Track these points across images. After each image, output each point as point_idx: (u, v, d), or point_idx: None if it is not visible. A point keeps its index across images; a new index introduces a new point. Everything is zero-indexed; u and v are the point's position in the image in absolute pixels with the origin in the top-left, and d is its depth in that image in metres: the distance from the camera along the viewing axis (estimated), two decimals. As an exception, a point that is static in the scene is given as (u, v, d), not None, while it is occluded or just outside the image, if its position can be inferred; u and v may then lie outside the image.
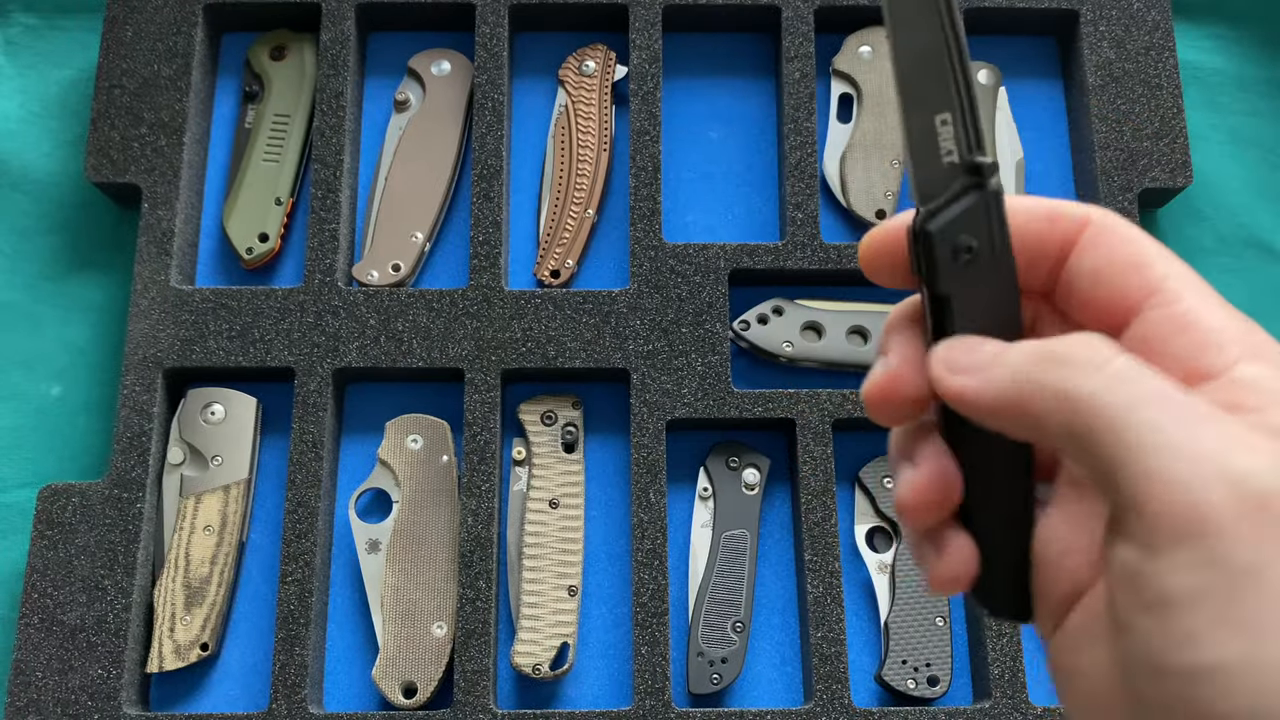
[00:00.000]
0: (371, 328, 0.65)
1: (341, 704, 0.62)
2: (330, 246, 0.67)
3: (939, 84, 0.27)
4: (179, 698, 0.62)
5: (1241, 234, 0.73)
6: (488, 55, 0.70)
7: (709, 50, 0.75)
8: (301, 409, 0.64)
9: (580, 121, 0.71)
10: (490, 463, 0.63)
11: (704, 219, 0.71)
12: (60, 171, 0.72)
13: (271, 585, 0.64)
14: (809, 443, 0.64)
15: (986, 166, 0.27)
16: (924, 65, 0.27)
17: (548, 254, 0.69)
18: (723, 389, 0.65)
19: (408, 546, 0.63)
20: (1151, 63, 0.71)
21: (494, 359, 0.65)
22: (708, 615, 0.62)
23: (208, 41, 0.72)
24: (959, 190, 0.27)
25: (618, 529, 0.65)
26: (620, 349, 0.65)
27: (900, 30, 0.28)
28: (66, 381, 0.68)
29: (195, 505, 0.63)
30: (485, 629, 0.61)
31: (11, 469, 0.66)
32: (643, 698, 0.60)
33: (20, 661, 0.60)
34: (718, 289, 0.66)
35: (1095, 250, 0.27)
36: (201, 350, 0.65)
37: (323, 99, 0.69)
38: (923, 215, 0.27)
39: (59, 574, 0.61)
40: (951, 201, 0.27)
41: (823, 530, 0.62)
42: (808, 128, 0.69)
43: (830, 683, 0.60)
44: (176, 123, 0.69)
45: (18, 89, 0.74)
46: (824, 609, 0.61)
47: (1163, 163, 0.69)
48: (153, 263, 0.66)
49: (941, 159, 0.27)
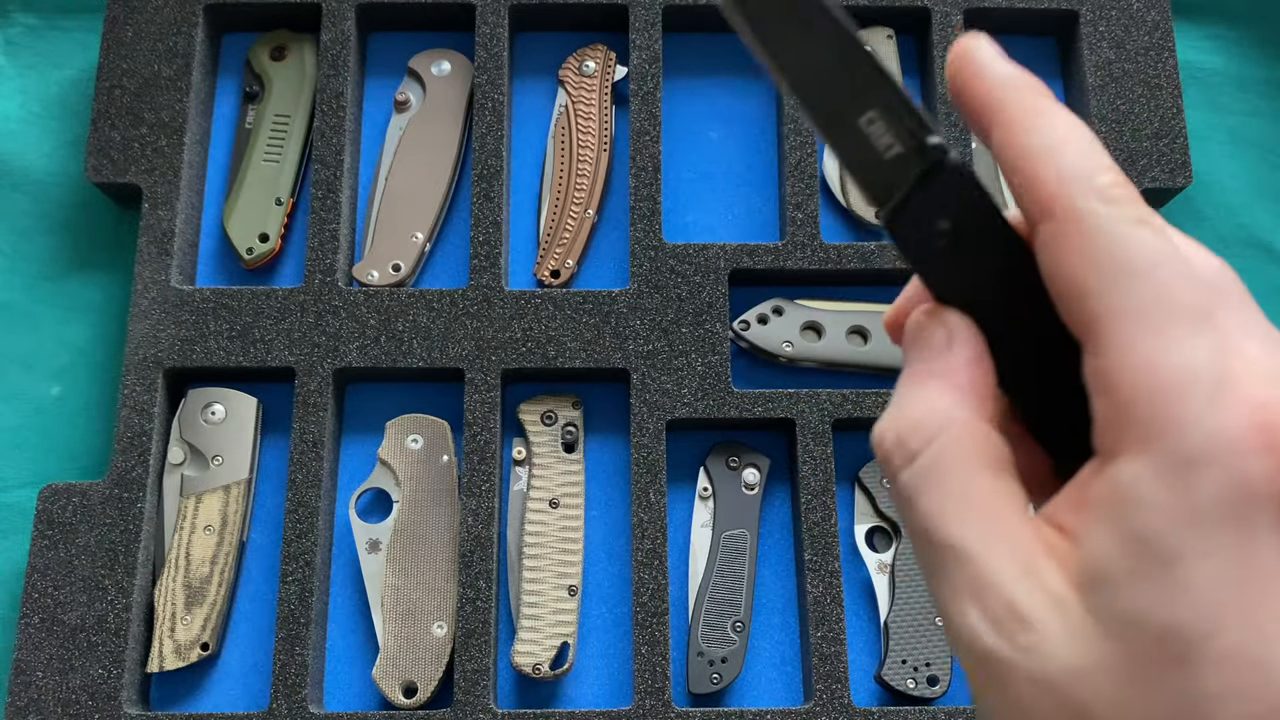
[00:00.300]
0: (372, 328, 0.65)
1: (342, 704, 0.62)
2: (330, 246, 0.67)
3: (848, 87, 0.26)
4: (179, 697, 0.62)
5: (1241, 234, 0.73)
6: (488, 55, 0.70)
7: (709, 50, 0.75)
8: (302, 409, 0.64)
9: (580, 121, 0.71)
10: (490, 463, 0.63)
11: (704, 219, 0.71)
12: (60, 171, 0.72)
13: (272, 585, 0.64)
14: (809, 443, 0.64)
15: (935, 146, 0.25)
16: (823, 76, 0.26)
17: (548, 254, 0.69)
18: (723, 389, 0.65)
19: (408, 546, 0.63)
20: (1151, 63, 0.71)
21: (494, 359, 0.65)
22: (708, 615, 0.62)
23: (208, 41, 0.72)
24: (918, 177, 0.25)
25: (618, 529, 0.65)
26: (620, 349, 0.65)
27: (782, 53, 0.26)
28: (66, 381, 0.68)
29: (196, 505, 0.63)
30: (485, 629, 0.61)
31: (11, 469, 0.66)
32: (643, 697, 0.60)
33: (20, 661, 0.60)
34: (718, 289, 0.66)
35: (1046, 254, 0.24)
36: (202, 350, 0.65)
37: (323, 99, 0.69)
38: (886, 213, 0.26)
39: (59, 574, 0.61)
40: (914, 191, 0.25)
41: (823, 530, 0.62)
42: (808, 128, 0.69)
43: (830, 682, 0.60)
44: (177, 123, 0.69)
45: (18, 89, 0.74)
46: (824, 609, 0.61)
47: (1162, 163, 0.69)
48: (153, 263, 0.66)
49: (884, 157, 0.26)
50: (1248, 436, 0.21)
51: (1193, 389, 0.21)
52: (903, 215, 0.26)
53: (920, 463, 0.24)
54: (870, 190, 0.26)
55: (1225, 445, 0.21)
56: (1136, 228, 0.23)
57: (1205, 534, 0.21)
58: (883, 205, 0.26)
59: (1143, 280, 0.23)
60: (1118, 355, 0.22)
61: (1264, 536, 0.21)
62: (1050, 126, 0.25)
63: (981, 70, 0.26)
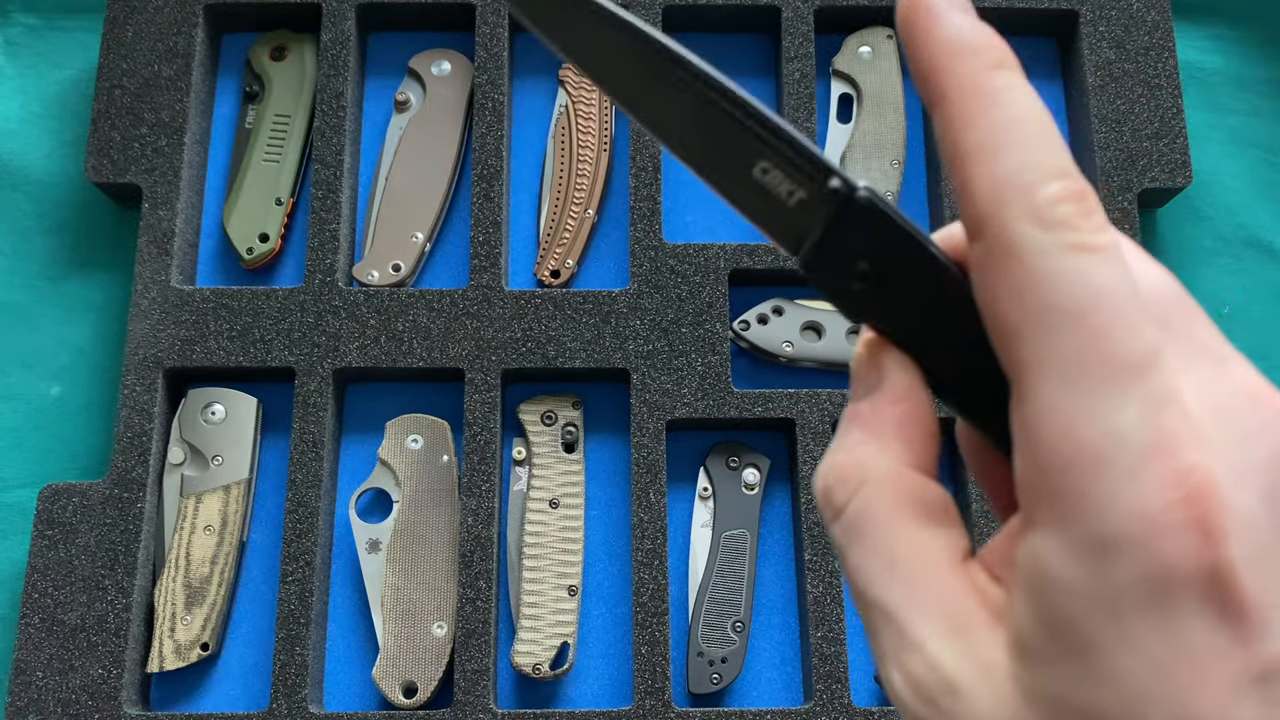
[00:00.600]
0: (372, 328, 0.65)
1: (341, 704, 0.62)
2: (330, 246, 0.67)
3: (730, 139, 0.24)
4: (179, 697, 0.62)
5: (1241, 234, 0.73)
6: (488, 55, 0.70)
7: (709, 50, 0.74)
8: (302, 409, 0.64)
9: (580, 121, 0.71)
10: (490, 463, 0.63)
11: (704, 219, 0.71)
12: (60, 171, 0.72)
13: (272, 585, 0.64)
14: (809, 443, 0.64)
15: (836, 189, 0.23)
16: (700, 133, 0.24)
17: (548, 254, 0.69)
18: (723, 389, 0.65)
19: (408, 546, 0.63)
20: (1151, 63, 0.71)
21: (494, 359, 0.65)
22: (708, 615, 0.63)
23: (208, 42, 0.72)
24: (829, 220, 0.24)
25: (618, 529, 0.65)
26: (620, 349, 0.65)
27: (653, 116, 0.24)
28: (66, 381, 0.68)
29: (196, 505, 0.63)
30: (485, 629, 0.61)
31: (11, 469, 0.66)
32: (643, 697, 0.60)
33: (20, 661, 0.60)
34: (718, 289, 0.66)
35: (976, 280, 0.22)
36: (202, 350, 0.65)
37: (323, 99, 0.69)
38: (801, 260, 0.24)
39: (59, 574, 0.61)
40: (826, 236, 0.24)
41: (823, 530, 0.62)
42: (808, 128, 0.69)
43: (830, 682, 0.60)
44: (177, 123, 0.69)
45: (18, 89, 0.74)
46: (824, 609, 0.61)
47: (1162, 163, 0.69)
48: (153, 263, 0.66)
49: (788, 204, 0.24)
50: (1170, 511, 0.19)
51: (1114, 460, 0.19)
52: (817, 262, 0.24)
53: (845, 517, 0.23)
54: (781, 240, 0.24)
55: (1144, 525, 0.19)
56: (1075, 258, 0.20)
57: (1125, 623, 0.19)
58: (796, 254, 0.24)
59: (1073, 328, 0.20)
60: (1039, 412, 0.20)
61: (1189, 619, 0.19)
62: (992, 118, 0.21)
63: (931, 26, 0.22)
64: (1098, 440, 0.19)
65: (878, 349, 0.24)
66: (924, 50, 0.22)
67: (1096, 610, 0.19)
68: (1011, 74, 0.22)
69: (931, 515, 0.23)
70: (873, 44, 0.73)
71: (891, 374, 0.24)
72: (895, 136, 0.71)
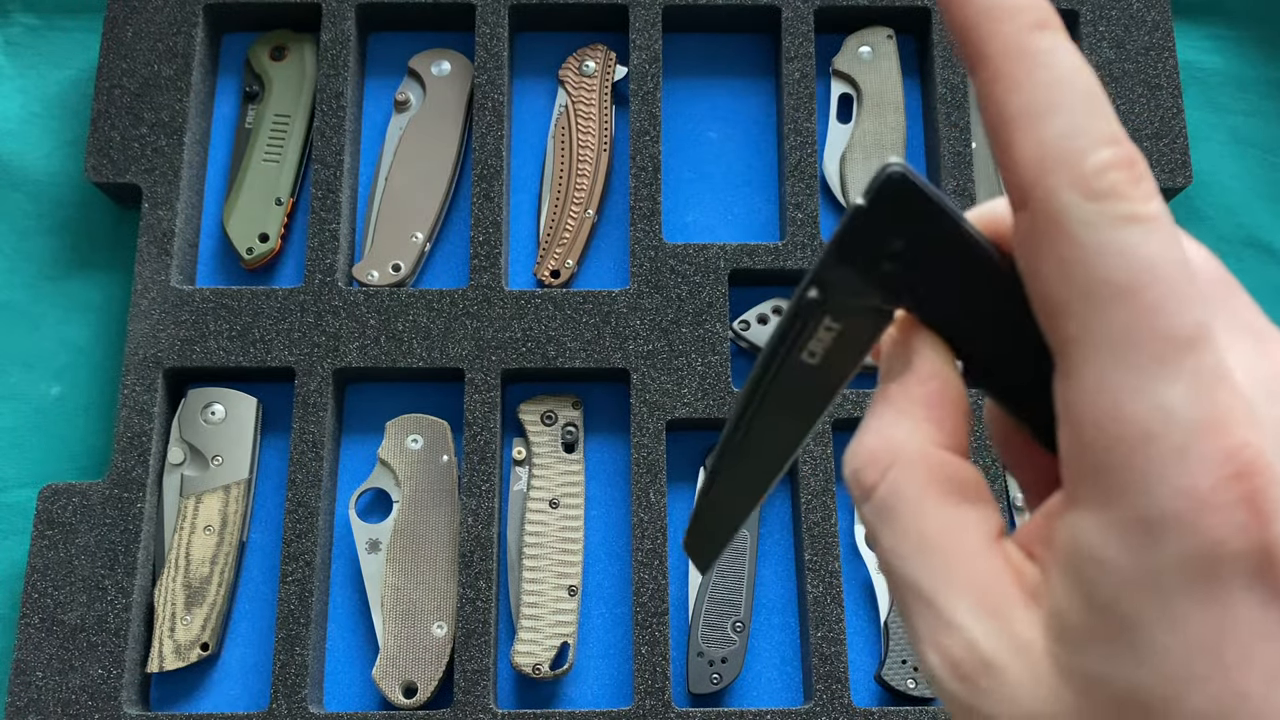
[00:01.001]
0: (371, 328, 0.65)
1: (341, 704, 0.62)
2: (330, 246, 0.67)
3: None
4: (179, 697, 0.62)
5: (1241, 234, 0.73)
6: (488, 55, 0.70)
7: (709, 50, 0.75)
8: (302, 409, 0.64)
9: (580, 121, 0.71)
10: (490, 463, 0.63)
11: (704, 219, 0.71)
12: (60, 171, 0.72)
13: (272, 585, 0.64)
14: (809, 443, 0.64)
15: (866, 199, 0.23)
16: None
17: (548, 254, 0.69)
18: (723, 389, 0.65)
19: (408, 546, 0.63)
20: (1151, 63, 0.71)
21: (494, 359, 0.65)
22: (708, 615, 0.63)
23: (208, 41, 0.72)
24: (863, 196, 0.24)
25: (618, 529, 0.65)
26: (620, 349, 0.65)
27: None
28: (66, 381, 0.68)
29: (195, 505, 0.63)
30: (485, 629, 0.61)
31: (11, 469, 0.66)
32: (643, 698, 0.60)
33: (20, 661, 0.60)
34: (718, 289, 0.66)
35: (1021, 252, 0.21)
36: (202, 350, 0.65)
37: (323, 99, 0.69)
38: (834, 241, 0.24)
39: (59, 574, 0.61)
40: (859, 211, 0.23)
41: (823, 530, 0.62)
42: (808, 128, 0.69)
43: (830, 682, 0.60)
44: (177, 123, 0.69)
45: (18, 89, 0.74)
46: (824, 609, 0.61)
47: (1162, 163, 0.69)
48: (153, 263, 0.66)
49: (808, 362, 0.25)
50: (1219, 489, 0.19)
51: (1163, 437, 0.19)
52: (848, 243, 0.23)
53: (876, 498, 0.23)
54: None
55: (1192, 504, 0.19)
56: (1125, 229, 0.19)
57: (1169, 602, 0.19)
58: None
59: (1123, 304, 0.19)
60: (1085, 389, 0.20)
61: (1238, 596, 0.19)
62: (1036, 81, 0.20)
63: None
64: (1146, 417, 0.19)
65: (908, 330, 0.24)
66: (963, 11, 0.21)
67: (1141, 589, 0.19)
68: (1056, 34, 0.21)
69: (963, 494, 0.22)
70: (873, 44, 0.73)
71: (921, 354, 0.24)
72: (895, 136, 0.71)
